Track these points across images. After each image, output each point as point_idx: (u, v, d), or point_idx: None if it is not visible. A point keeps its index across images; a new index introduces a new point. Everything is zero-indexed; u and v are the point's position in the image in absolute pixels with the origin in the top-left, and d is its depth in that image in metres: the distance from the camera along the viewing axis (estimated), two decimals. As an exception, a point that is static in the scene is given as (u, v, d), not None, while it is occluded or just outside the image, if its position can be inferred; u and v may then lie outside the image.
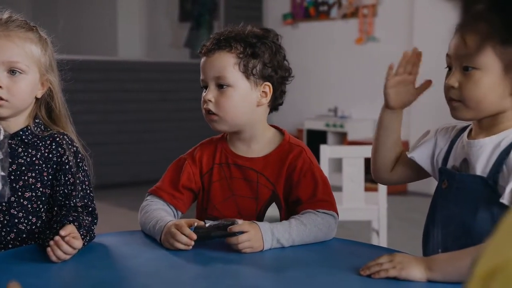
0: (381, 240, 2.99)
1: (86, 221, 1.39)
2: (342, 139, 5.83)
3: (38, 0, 7.57)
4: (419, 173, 1.46)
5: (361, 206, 2.97)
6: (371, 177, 4.14)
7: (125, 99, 5.83)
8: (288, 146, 1.55)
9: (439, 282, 1.15)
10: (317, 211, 1.46)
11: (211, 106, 1.49)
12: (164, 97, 6.11)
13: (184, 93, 6.25)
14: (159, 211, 1.51)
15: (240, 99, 1.50)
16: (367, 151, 2.98)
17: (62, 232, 1.26)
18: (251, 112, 1.52)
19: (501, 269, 0.47)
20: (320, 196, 1.49)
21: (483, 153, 1.26)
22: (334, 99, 6.17)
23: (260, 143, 1.56)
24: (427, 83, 1.39)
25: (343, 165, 2.96)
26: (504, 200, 1.19)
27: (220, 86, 1.49)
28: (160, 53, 7.14)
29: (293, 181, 1.51)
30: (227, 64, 1.49)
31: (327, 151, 2.93)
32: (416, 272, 1.17)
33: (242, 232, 1.35)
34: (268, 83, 1.52)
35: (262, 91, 1.52)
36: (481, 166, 1.26)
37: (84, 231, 1.35)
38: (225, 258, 1.31)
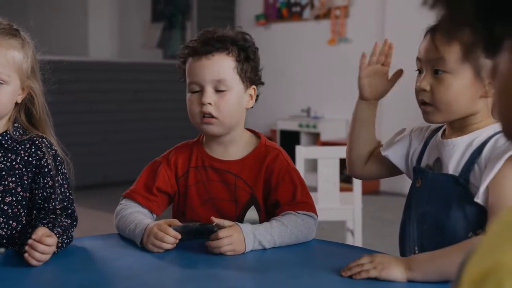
0: (356, 239, 3.02)
1: (64, 223, 1.38)
2: (315, 139, 5.86)
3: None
4: (392, 170, 1.49)
5: (336, 206, 2.99)
6: (346, 178, 4.16)
7: (96, 99, 5.78)
8: (265, 149, 1.56)
9: (419, 281, 1.17)
10: (297, 213, 1.47)
11: (211, 109, 1.48)
12: (136, 98, 6.07)
13: (157, 94, 6.22)
14: (136, 214, 1.50)
15: (237, 102, 1.51)
16: (342, 151, 2.99)
17: (34, 236, 1.25)
18: (242, 115, 1.54)
19: (492, 272, 0.47)
20: (300, 198, 1.50)
21: (456, 152, 1.29)
22: (307, 99, 6.21)
23: (237, 146, 1.57)
24: (399, 73, 1.43)
25: (318, 165, 2.98)
26: (479, 200, 1.22)
27: (219, 90, 1.49)
28: (132, 53, 7.09)
29: (272, 184, 1.52)
30: (227, 67, 1.49)
31: (302, 152, 2.94)
32: (397, 272, 1.18)
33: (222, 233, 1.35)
34: (254, 86, 1.54)
35: (250, 94, 1.54)
36: (454, 165, 1.28)
37: (60, 230, 1.34)
38: (207, 260, 1.32)
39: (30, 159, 1.41)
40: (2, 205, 1.39)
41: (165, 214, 1.60)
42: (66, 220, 1.40)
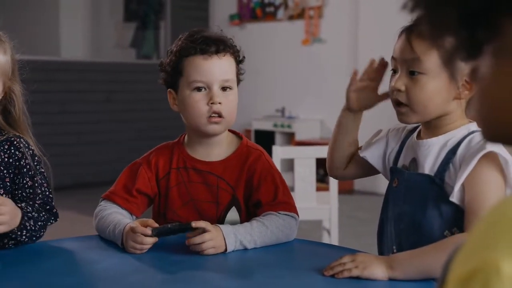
0: (332, 239, 3.04)
1: (38, 214, 1.39)
2: (290, 139, 5.89)
3: (-24, -2, 7.33)
4: (370, 170, 1.51)
5: (313, 205, 3.02)
6: (321, 177, 4.18)
7: (68, 100, 5.72)
8: (247, 150, 1.57)
9: (400, 280, 1.19)
10: (278, 213, 1.48)
11: (221, 109, 1.48)
12: (110, 98, 6.02)
13: (130, 94, 6.18)
14: (115, 215, 1.50)
15: (236, 102, 1.53)
16: (318, 151, 3.04)
17: None
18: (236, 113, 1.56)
19: (479, 270, 0.48)
20: (281, 198, 1.51)
21: (431, 152, 1.31)
22: (282, 99, 6.23)
23: (220, 147, 1.57)
24: (386, 96, 1.40)
25: (295, 165, 3.00)
26: (454, 199, 1.24)
27: (224, 90, 1.50)
28: (105, 53, 7.03)
29: (253, 184, 1.52)
30: (232, 68, 1.52)
31: (279, 152, 2.96)
32: (378, 271, 1.20)
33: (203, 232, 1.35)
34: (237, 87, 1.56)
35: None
36: (429, 165, 1.30)
37: (30, 215, 1.36)
38: (190, 261, 1.32)
39: (11, 160, 1.40)
40: None
41: (145, 215, 1.59)
42: (45, 214, 1.41)
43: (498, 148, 1.21)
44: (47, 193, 1.44)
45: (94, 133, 5.92)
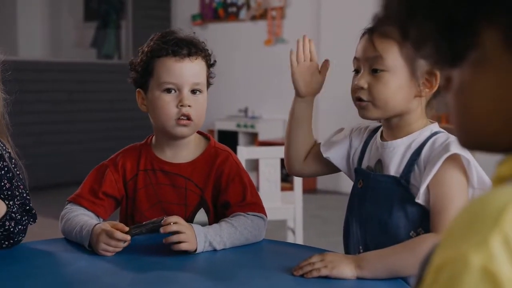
0: (297, 238, 3.07)
1: (23, 218, 1.39)
2: (253, 139, 5.90)
3: None
4: (332, 169, 1.52)
5: (278, 205, 3.03)
6: (284, 177, 4.19)
7: (27, 100, 5.61)
8: (214, 151, 1.57)
9: (368, 279, 1.21)
10: (246, 214, 1.49)
11: (190, 111, 1.48)
12: (71, 98, 5.93)
13: (91, 94, 6.10)
14: (81, 216, 1.49)
15: (205, 106, 1.54)
16: (282, 151, 3.05)
17: None
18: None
19: (450, 262, 0.50)
20: (249, 199, 1.52)
21: (396, 154, 1.34)
22: (244, 99, 6.24)
23: (188, 148, 1.57)
24: (327, 63, 1.47)
25: (260, 165, 3.01)
26: (419, 200, 1.27)
27: (194, 93, 1.50)
28: (65, 53, 6.92)
29: (222, 185, 1.53)
30: (203, 72, 1.52)
31: (244, 152, 2.97)
32: (347, 270, 1.22)
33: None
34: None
35: None
36: (395, 167, 1.33)
37: (13, 215, 1.36)
38: (160, 263, 1.32)
39: None
40: None
41: (112, 217, 1.58)
42: (26, 218, 1.40)
43: (461, 150, 1.25)
44: (25, 194, 1.44)
45: (54, 134, 5.82)
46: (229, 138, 5.78)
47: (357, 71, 1.36)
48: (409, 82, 1.30)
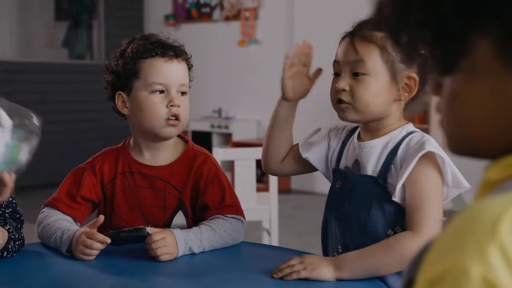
0: (272, 239, 3.08)
1: (19, 233, 1.38)
2: (227, 139, 5.90)
3: None
4: (309, 168, 1.53)
5: (253, 206, 3.04)
6: (258, 177, 4.19)
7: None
8: (193, 153, 1.57)
9: (347, 280, 1.23)
10: (225, 216, 1.49)
11: (179, 112, 1.50)
12: (41, 99, 5.86)
13: (63, 95, 6.03)
14: (61, 222, 1.47)
15: (189, 107, 1.55)
16: (258, 152, 3.06)
17: None
18: None
19: (448, 273, 0.50)
20: (228, 202, 1.52)
21: (373, 154, 1.35)
22: (218, 100, 6.24)
23: (166, 151, 1.57)
24: (318, 71, 1.45)
25: (235, 166, 3.02)
26: (396, 198, 1.29)
27: (180, 93, 1.51)
28: (35, 53, 6.83)
29: (200, 188, 1.53)
30: (187, 74, 1.54)
31: (219, 154, 2.97)
32: (326, 272, 1.23)
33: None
34: None
35: None
36: (372, 166, 1.35)
37: (11, 228, 1.35)
38: (138, 267, 1.32)
39: None
40: None
41: (88, 221, 1.57)
42: (18, 228, 1.39)
43: (436, 148, 1.27)
44: (10, 198, 1.42)
45: (25, 135, 5.74)
46: (203, 139, 5.77)
47: (337, 74, 1.37)
48: (389, 86, 1.32)
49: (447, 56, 0.59)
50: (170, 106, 1.48)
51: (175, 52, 1.51)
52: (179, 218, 1.55)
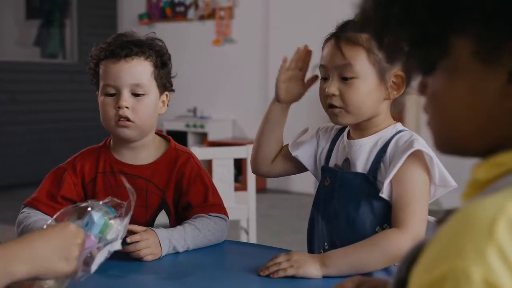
0: (250, 238, 3.08)
1: None
2: (203, 139, 5.88)
3: None
4: (299, 168, 1.53)
5: (232, 205, 3.03)
6: (235, 177, 4.15)
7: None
8: (175, 153, 1.56)
9: (334, 276, 1.23)
10: (209, 215, 1.49)
11: (128, 113, 1.46)
12: (14, 98, 5.76)
13: (35, 94, 5.94)
14: (42, 222, 1.45)
15: (152, 107, 1.50)
16: (236, 152, 3.07)
17: None
18: (156, 120, 1.53)
19: (449, 277, 0.50)
20: (211, 201, 1.52)
21: (363, 152, 1.36)
22: (193, 99, 6.21)
23: (147, 150, 1.55)
24: (314, 78, 1.45)
25: (213, 166, 3.01)
26: (384, 195, 1.30)
27: (136, 94, 1.47)
28: (6, 51, 6.71)
29: (183, 187, 1.52)
30: (146, 73, 1.48)
31: (197, 153, 2.94)
32: (313, 269, 1.24)
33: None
34: (167, 92, 1.54)
35: (162, 100, 1.54)
36: (362, 164, 1.36)
37: None
38: (123, 266, 1.30)
39: None
40: None
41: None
42: None
43: (424, 147, 1.28)
44: None
45: (-3, 135, 5.65)
46: (178, 139, 5.70)
47: (324, 78, 1.36)
48: (378, 86, 1.32)
49: (427, 56, 0.60)
50: (118, 107, 1.45)
51: (129, 50, 1.45)
52: (162, 217, 1.54)
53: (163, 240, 1.37)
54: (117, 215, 1.14)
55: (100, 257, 1.05)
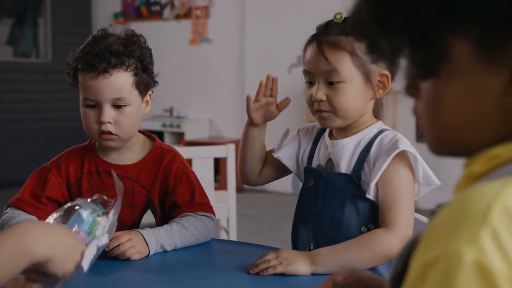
0: (230, 237, 3.09)
1: None
2: (179, 139, 5.87)
3: None
4: (283, 172, 1.54)
5: (212, 205, 3.03)
6: (214, 177, 4.08)
7: None
8: (161, 151, 1.56)
9: (323, 274, 1.24)
10: (196, 214, 1.49)
11: (110, 128, 1.44)
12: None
13: (8, 94, 5.86)
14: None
15: (135, 116, 1.48)
16: (216, 151, 3.07)
17: None
18: (139, 124, 1.52)
19: (442, 258, 0.52)
20: (198, 200, 1.52)
21: (346, 152, 1.37)
22: (170, 99, 6.18)
23: (132, 150, 1.55)
24: (286, 102, 1.44)
25: (193, 165, 3.00)
26: (370, 195, 1.31)
27: (118, 106, 1.45)
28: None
29: (169, 186, 1.52)
30: (126, 85, 1.44)
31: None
32: (302, 267, 1.25)
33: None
34: (150, 91, 1.53)
35: (146, 101, 1.52)
36: (345, 164, 1.37)
37: None
38: (112, 265, 1.30)
39: None
40: None
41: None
42: None
43: (408, 146, 1.30)
44: None
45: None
46: (155, 138, 5.71)
47: (310, 83, 1.37)
48: (365, 87, 1.33)
49: (427, 60, 0.60)
50: (100, 123, 1.44)
51: (107, 64, 1.40)
52: (148, 217, 1.53)
53: (149, 239, 1.37)
54: (105, 211, 1.14)
55: (89, 253, 1.05)
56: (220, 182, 4.73)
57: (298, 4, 5.29)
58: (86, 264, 1.04)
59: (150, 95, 1.55)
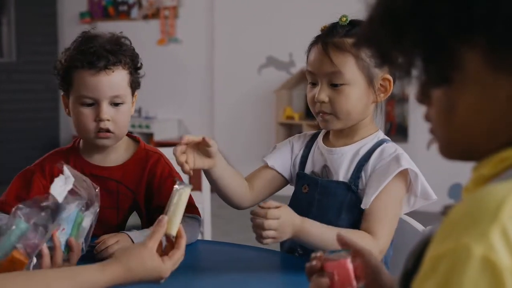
0: (205, 237, 3.09)
1: None
2: (148, 139, 5.83)
3: None
4: (280, 182, 1.48)
5: (187, 206, 3.03)
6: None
7: None
8: (145, 153, 1.56)
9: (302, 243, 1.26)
10: (183, 216, 1.49)
11: (109, 125, 1.44)
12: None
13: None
14: None
15: (129, 114, 1.50)
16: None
17: None
18: (129, 123, 1.52)
19: (452, 251, 0.55)
20: (184, 201, 1.52)
21: (344, 160, 1.37)
22: (138, 100, 6.05)
23: (117, 152, 1.55)
24: (204, 142, 1.32)
25: (169, 166, 3.00)
26: (368, 206, 1.30)
27: (115, 104, 1.45)
28: None
29: (154, 187, 1.52)
30: (124, 82, 1.46)
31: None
32: (286, 238, 1.24)
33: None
34: (136, 92, 1.53)
35: (132, 102, 1.53)
36: (343, 173, 1.36)
37: None
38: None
39: None
40: None
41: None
42: None
43: (410, 163, 1.32)
44: None
45: None
46: (123, 139, 5.66)
47: (313, 84, 1.37)
48: (367, 91, 1.34)
49: (440, 69, 0.63)
50: (99, 120, 1.44)
51: (107, 61, 1.41)
52: (134, 219, 1.53)
53: (137, 239, 1.37)
54: (87, 201, 1.23)
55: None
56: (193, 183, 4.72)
57: (267, 4, 5.32)
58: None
59: (135, 96, 1.55)
